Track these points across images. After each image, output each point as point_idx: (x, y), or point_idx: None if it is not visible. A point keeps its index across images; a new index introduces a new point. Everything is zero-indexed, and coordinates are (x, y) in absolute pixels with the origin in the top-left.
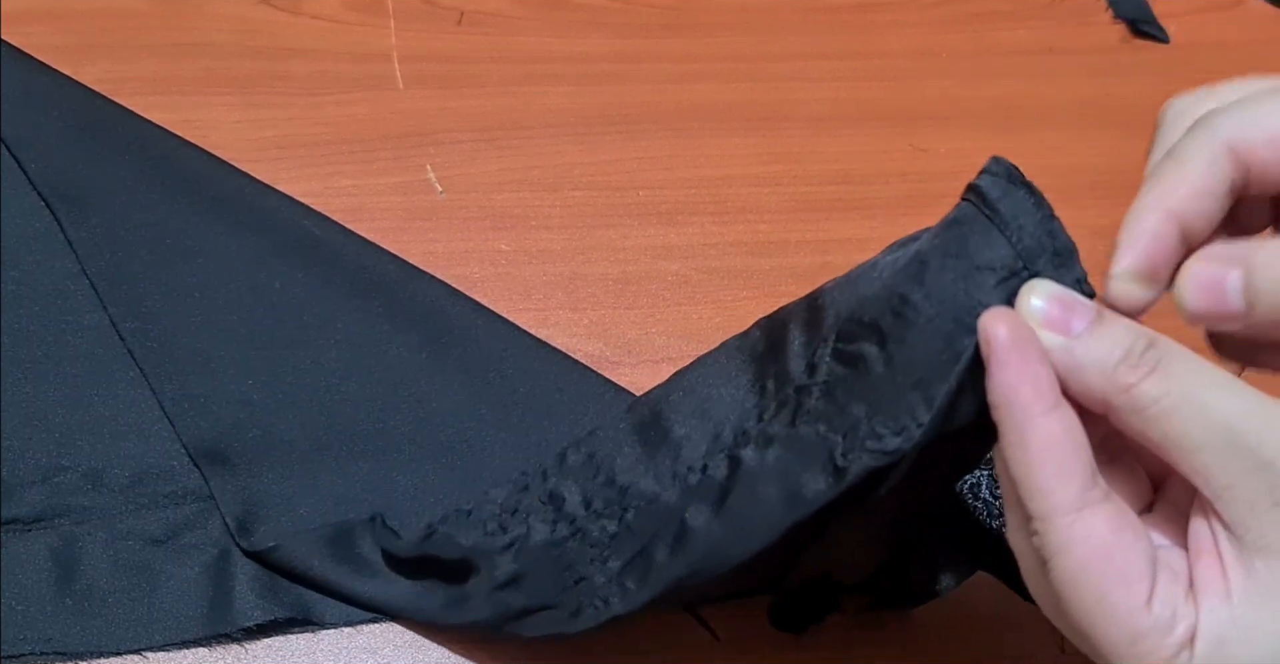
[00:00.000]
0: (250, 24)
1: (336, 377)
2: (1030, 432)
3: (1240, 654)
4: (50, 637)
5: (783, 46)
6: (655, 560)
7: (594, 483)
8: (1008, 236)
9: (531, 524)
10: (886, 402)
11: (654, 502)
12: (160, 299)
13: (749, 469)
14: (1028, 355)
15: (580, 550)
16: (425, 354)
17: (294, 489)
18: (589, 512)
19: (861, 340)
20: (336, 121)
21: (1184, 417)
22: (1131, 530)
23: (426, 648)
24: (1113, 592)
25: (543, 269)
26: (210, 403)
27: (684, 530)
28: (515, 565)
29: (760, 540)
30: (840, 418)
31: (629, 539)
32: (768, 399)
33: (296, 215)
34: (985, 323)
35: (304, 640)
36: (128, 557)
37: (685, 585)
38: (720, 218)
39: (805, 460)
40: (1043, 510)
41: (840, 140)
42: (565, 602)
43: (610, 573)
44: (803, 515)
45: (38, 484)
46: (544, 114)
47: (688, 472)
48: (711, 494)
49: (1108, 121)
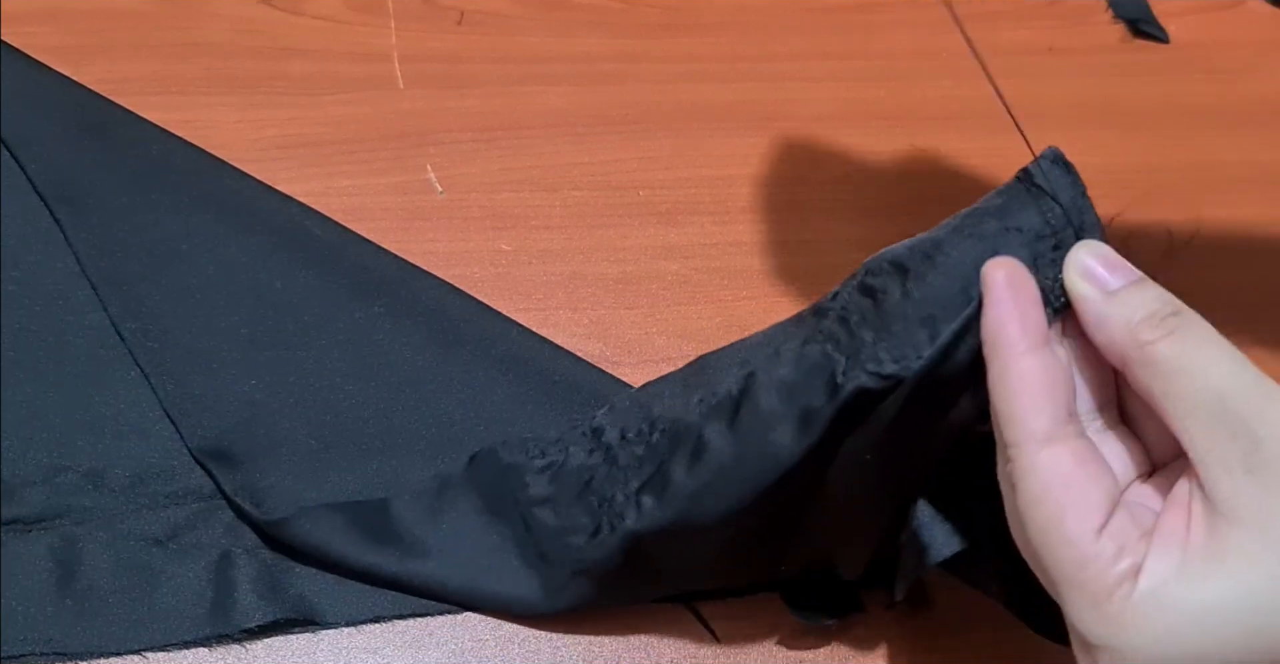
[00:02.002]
0: (250, 24)
1: (340, 375)
2: (1012, 366)
3: (1179, 599)
4: (50, 637)
5: (783, 46)
6: (673, 478)
7: (633, 418)
8: (1040, 206)
9: (571, 451)
10: (895, 332)
11: (677, 423)
12: (160, 300)
13: (760, 383)
14: (1020, 298)
15: (609, 474)
16: (429, 352)
17: (302, 487)
18: (623, 440)
19: (888, 276)
20: (337, 121)
21: (1186, 379)
22: (1096, 466)
23: (426, 648)
24: (1067, 516)
25: (543, 269)
26: (214, 403)
27: (700, 446)
28: (550, 487)
29: (764, 461)
30: (848, 341)
31: (651, 459)
32: (792, 327)
33: (297, 215)
34: (988, 266)
35: (304, 641)
36: (128, 557)
37: (698, 512)
38: (721, 218)
39: (808, 377)
40: (1015, 438)
41: (841, 140)
42: (585, 525)
43: (630, 491)
44: (802, 436)
45: (38, 484)
46: (544, 114)
47: (711, 396)
48: (728, 410)
49: (1107, 122)
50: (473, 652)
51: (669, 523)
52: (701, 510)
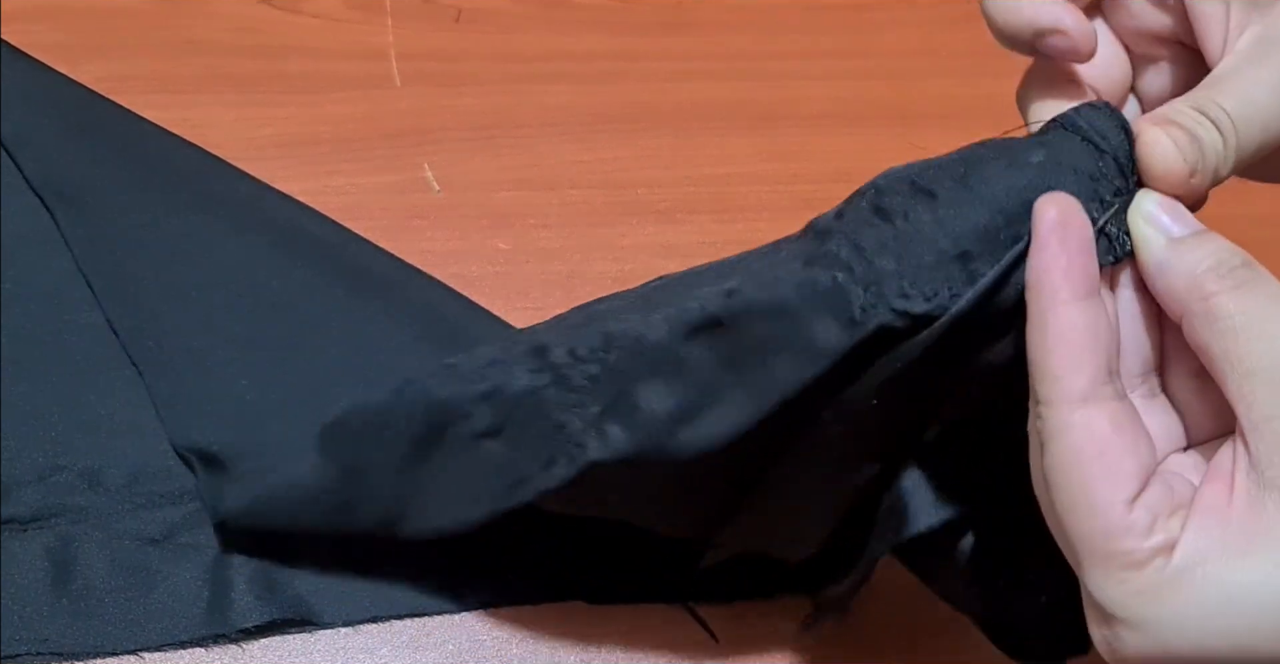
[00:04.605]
0: (249, 23)
1: (334, 376)
2: (1052, 316)
3: (1218, 575)
4: (47, 637)
5: (782, 45)
6: (639, 402)
7: (583, 334)
8: (1090, 149)
9: (514, 372)
10: (923, 264)
11: (639, 340)
12: (156, 299)
13: (752, 304)
14: (1069, 242)
15: (560, 397)
16: (424, 352)
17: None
18: (572, 358)
19: (908, 197)
20: (334, 120)
21: (1248, 338)
22: (1134, 432)
23: (424, 648)
24: (1098, 482)
25: (541, 268)
26: (206, 403)
27: (675, 369)
28: (493, 417)
29: (759, 393)
30: (864, 268)
31: (611, 381)
32: (783, 247)
33: (293, 215)
34: (1040, 202)
35: (301, 640)
36: (124, 557)
37: (673, 444)
38: (719, 217)
39: (816, 305)
40: (1049, 395)
41: (839, 139)
42: (538, 455)
43: (589, 417)
44: (805, 370)
45: (34, 484)
46: (542, 112)
47: (680, 313)
48: (704, 330)
49: None
50: (470, 652)
51: (636, 453)
52: (676, 443)
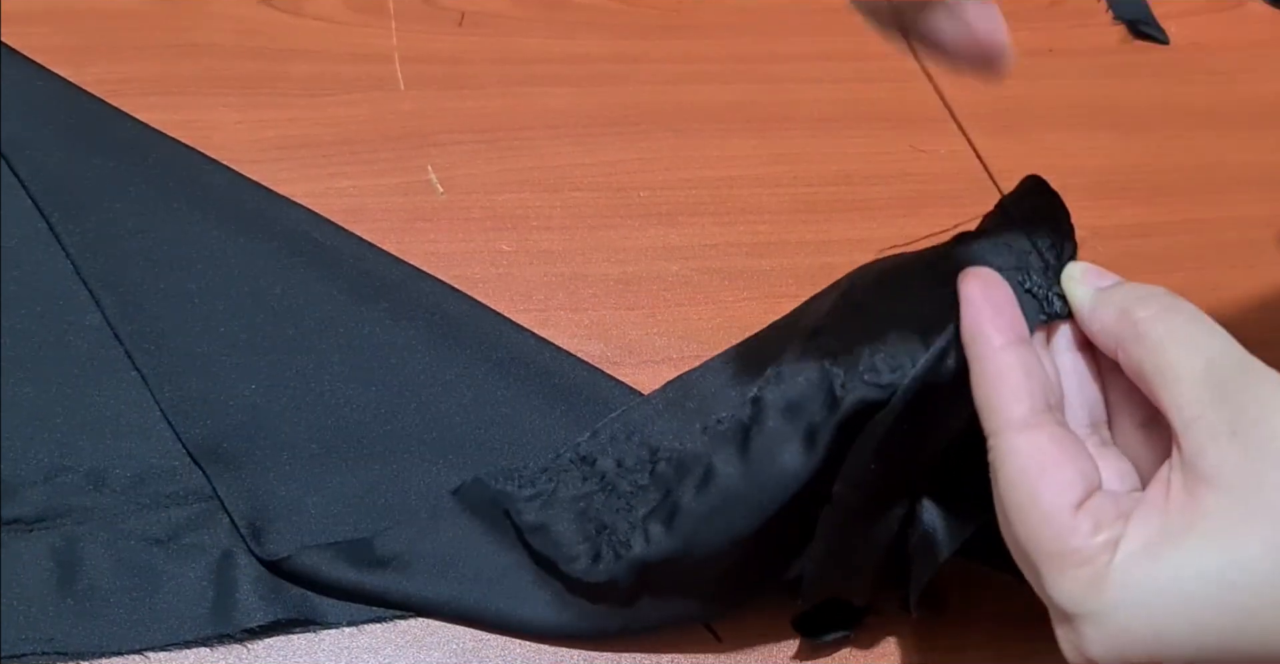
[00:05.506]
0: (251, 24)
1: (341, 379)
2: (989, 359)
3: (1165, 560)
4: (52, 637)
5: (783, 47)
6: (681, 504)
7: (627, 445)
8: (1025, 229)
9: (561, 480)
10: (890, 343)
11: (684, 453)
12: (159, 304)
13: (767, 406)
14: (994, 299)
15: (607, 502)
16: (430, 355)
17: (302, 491)
18: (620, 469)
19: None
20: (337, 122)
21: (1175, 348)
22: (1074, 448)
23: (428, 647)
24: (1044, 493)
25: (544, 270)
26: (212, 407)
27: (710, 473)
28: (540, 516)
29: (774, 482)
30: (845, 355)
31: (656, 487)
32: (787, 349)
33: (296, 218)
34: (964, 274)
35: (305, 640)
36: (129, 557)
37: (708, 536)
38: (721, 219)
39: (809, 394)
40: (994, 426)
41: (840, 141)
42: (584, 551)
43: (635, 519)
44: (809, 453)
45: (39, 484)
46: (545, 115)
47: (716, 423)
48: (737, 436)
49: (1107, 123)
50: (474, 651)
51: (678, 549)
52: (711, 534)
